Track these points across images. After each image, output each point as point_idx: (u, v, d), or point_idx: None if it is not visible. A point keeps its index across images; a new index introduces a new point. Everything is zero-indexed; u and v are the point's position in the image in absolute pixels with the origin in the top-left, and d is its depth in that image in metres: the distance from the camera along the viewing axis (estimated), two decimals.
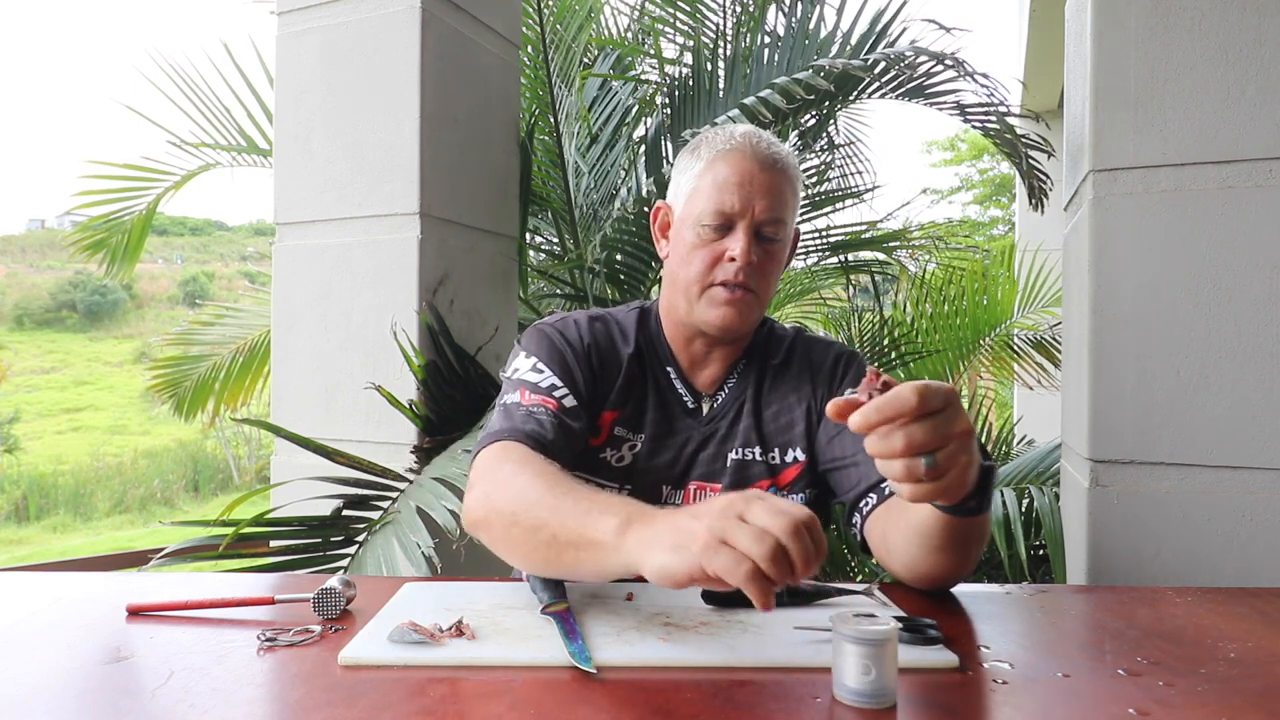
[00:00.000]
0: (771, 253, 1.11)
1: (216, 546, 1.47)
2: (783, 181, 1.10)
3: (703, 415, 1.16)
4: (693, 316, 1.13)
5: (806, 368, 1.18)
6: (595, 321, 1.18)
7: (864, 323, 3.57)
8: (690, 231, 1.11)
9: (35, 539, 13.07)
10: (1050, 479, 2.24)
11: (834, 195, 3.40)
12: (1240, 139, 1.36)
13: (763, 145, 1.10)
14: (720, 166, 1.10)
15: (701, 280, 1.10)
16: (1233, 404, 1.35)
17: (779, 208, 1.09)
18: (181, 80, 3.05)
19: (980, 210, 16.17)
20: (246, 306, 3.80)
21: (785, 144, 1.17)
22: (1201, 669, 0.73)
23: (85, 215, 3.20)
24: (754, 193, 1.08)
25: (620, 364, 1.15)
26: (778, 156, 1.10)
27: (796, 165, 1.15)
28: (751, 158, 1.09)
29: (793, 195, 1.12)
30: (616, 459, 1.13)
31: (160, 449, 17.38)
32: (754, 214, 1.08)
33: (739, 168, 1.08)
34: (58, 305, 28.09)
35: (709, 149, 1.12)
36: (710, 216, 1.09)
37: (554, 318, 1.19)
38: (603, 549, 0.76)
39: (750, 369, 1.19)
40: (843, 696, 0.64)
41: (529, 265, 2.55)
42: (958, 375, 3.72)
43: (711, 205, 1.09)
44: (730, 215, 1.08)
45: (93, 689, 0.69)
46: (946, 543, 0.87)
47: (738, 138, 1.11)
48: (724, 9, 2.97)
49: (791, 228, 1.15)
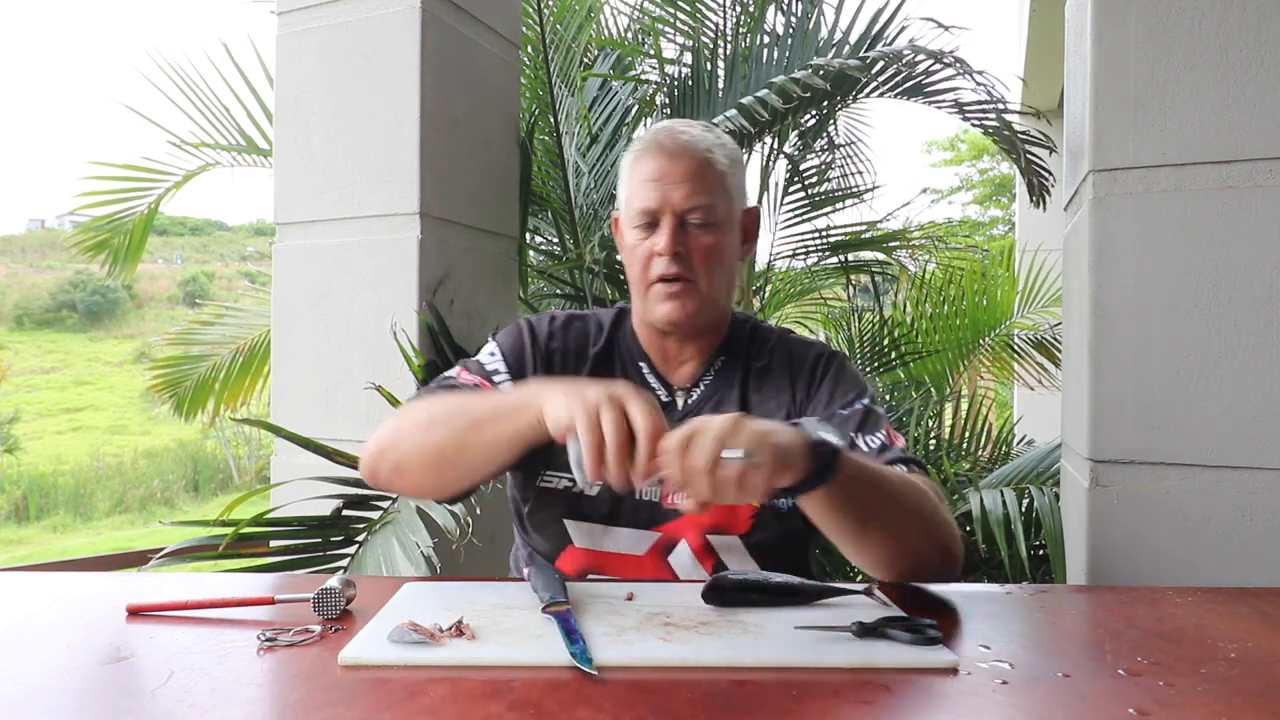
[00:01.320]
0: (703, 238, 1.11)
1: (216, 546, 1.47)
2: (700, 166, 1.10)
3: (677, 410, 1.16)
4: (647, 315, 1.16)
5: (787, 369, 1.18)
6: (574, 321, 1.21)
7: (864, 323, 3.57)
8: (628, 234, 1.15)
9: (35, 539, 13.07)
10: (1050, 479, 2.23)
11: (834, 195, 3.40)
12: (1240, 139, 1.35)
13: (674, 135, 1.12)
14: (639, 166, 1.13)
15: (643, 280, 1.13)
16: (1233, 404, 1.35)
17: (700, 193, 1.10)
18: (181, 80, 3.05)
19: (980, 210, 16.18)
20: (246, 306, 3.79)
21: (715, 130, 1.17)
22: (1201, 669, 0.73)
23: (86, 216, 3.20)
24: (670, 184, 1.10)
25: (586, 363, 1.18)
26: (690, 143, 1.11)
27: (724, 144, 1.15)
28: (662, 151, 1.11)
29: (715, 174, 1.11)
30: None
31: (160, 449, 17.38)
32: (673, 205, 1.09)
33: (653, 164, 1.11)
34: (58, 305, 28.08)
35: (631, 152, 1.16)
36: (637, 217, 1.12)
37: (541, 314, 1.23)
38: (515, 410, 0.92)
39: (732, 368, 1.18)
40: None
41: (529, 265, 2.55)
42: (958, 375, 3.72)
43: (636, 206, 1.12)
44: (654, 212, 1.10)
45: (93, 689, 0.69)
46: (842, 530, 0.92)
47: (651, 134, 1.14)
48: (724, 9, 2.97)
49: (729, 210, 1.14)
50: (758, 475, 0.78)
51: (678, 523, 1.10)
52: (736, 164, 1.17)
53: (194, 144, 3.10)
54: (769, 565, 1.10)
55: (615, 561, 1.11)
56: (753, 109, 2.07)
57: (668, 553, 1.10)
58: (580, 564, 1.11)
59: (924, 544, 0.96)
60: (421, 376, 1.74)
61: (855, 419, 1.10)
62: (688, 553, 1.10)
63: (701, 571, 1.09)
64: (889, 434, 1.09)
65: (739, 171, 1.18)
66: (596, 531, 1.11)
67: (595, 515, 1.11)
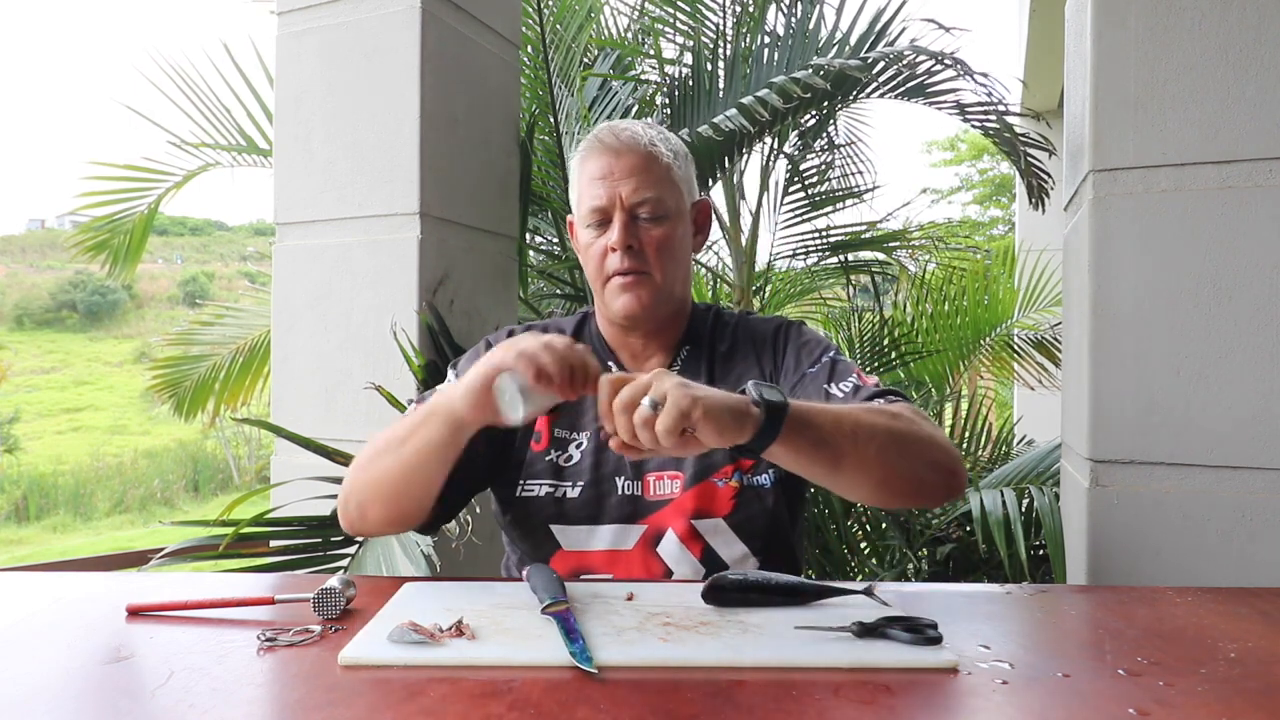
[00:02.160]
0: (653, 230, 1.13)
1: (216, 546, 1.47)
2: (644, 160, 1.12)
3: None
4: (608, 313, 1.17)
5: (750, 349, 1.19)
6: (535, 329, 1.22)
7: (864, 323, 3.57)
8: (581, 234, 1.17)
9: (35, 539, 13.07)
10: (1050, 479, 2.23)
11: (834, 195, 3.40)
12: (1240, 139, 1.35)
13: (616, 132, 1.14)
14: (586, 166, 1.15)
15: (600, 276, 1.15)
16: (1232, 404, 1.35)
17: (647, 185, 1.11)
18: (182, 80, 3.05)
19: (980, 210, 16.17)
20: (246, 306, 3.79)
21: (655, 125, 1.19)
22: (1201, 669, 0.73)
23: (86, 216, 3.20)
24: (617, 180, 1.11)
25: None
26: (634, 139, 1.13)
27: (667, 139, 1.16)
28: (606, 149, 1.13)
29: (660, 167, 1.13)
30: (565, 459, 1.15)
31: (160, 449, 17.37)
32: (622, 200, 1.11)
33: (598, 162, 1.13)
34: (58, 305, 28.07)
35: (577, 155, 1.17)
36: (588, 216, 1.14)
37: (503, 330, 1.25)
38: (431, 411, 0.98)
39: (698, 356, 1.20)
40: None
41: (529, 265, 2.55)
42: (958, 375, 3.72)
43: (586, 205, 1.14)
44: (604, 209, 1.12)
45: (93, 689, 0.69)
46: (817, 472, 0.95)
47: (593, 135, 1.15)
48: (724, 9, 2.97)
49: (677, 202, 1.15)
50: (665, 421, 0.80)
51: (662, 513, 1.11)
52: (681, 157, 1.18)
53: (194, 144, 3.10)
54: (755, 545, 1.11)
55: (604, 559, 1.12)
56: (753, 109, 2.07)
57: (655, 544, 1.11)
58: (570, 566, 1.12)
59: (910, 464, 0.97)
60: (421, 376, 1.75)
61: (824, 371, 1.12)
62: (675, 541, 1.11)
63: (690, 558, 1.10)
64: (859, 376, 1.11)
65: (685, 164, 1.20)
66: (582, 533, 1.12)
67: (579, 517, 1.12)
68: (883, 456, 0.95)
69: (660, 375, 0.83)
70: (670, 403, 0.80)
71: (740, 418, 0.85)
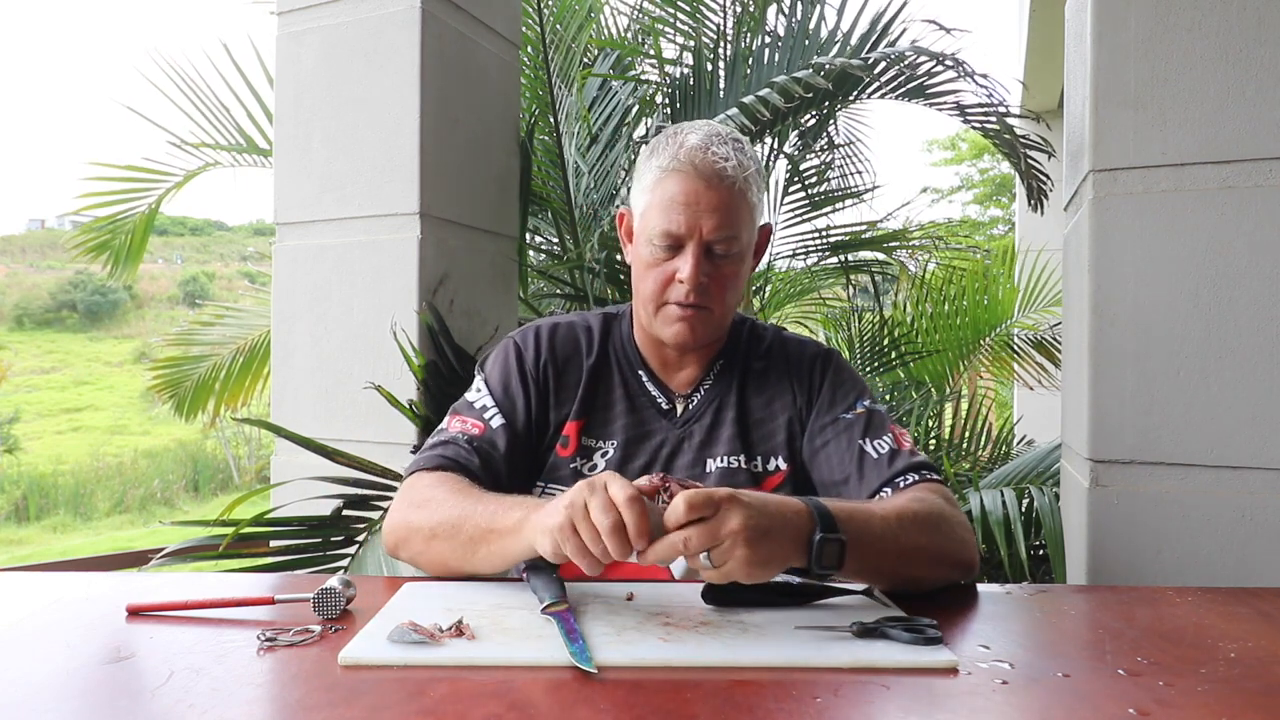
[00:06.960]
0: (725, 267, 1.10)
1: (216, 546, 1.47)
2: (732, 197, 1.08)
3: (677, 416, 1.17)
4: (653, 329, 1.15)
5: (786, 372, 1.18)
6: (561, 330, 1.20)
7: (864, 323, 3.57)
8: (644, 248, 1.12)
9: (35, 539, 13.06)
10: (1050, 479, 2.23)
11: (834, 195, 3.40)
12: (1240, 139, 1.35)
13: (710, 159, 1.07)
14: (668, 184, 1.08)
15: (655, 299, 1.12)
16: (1232, 404, 1.35)
17: (729, 224, 1.08)
18: (181, 80, 3.05)
19: (980, 210, 16.17)
20: (246, 306, 3.80)
21: (743, 144, 1.12)
22: (1201, 669, 0.73)
23: (87, 216, 3.20)
24: (701, 212, 1.07)
25: (580, 375, 1.17)
26: (726, 170, 1.07)
27: (754, 168, 1.11)
28: (698, 175, 1.07)
29: (746, 205, 1.10)
30: (589, 468, 1.14)
31: (160, 449, 17.36)
32: (702, 234, 1.07)
33: (685, 187, 1.07)
34: (58, 305, 28.06)
35: (660, 159, 1.10)
36: (660, 237, 1.09)
37: (527, 326, 1.22)
38: (507, 535, 0.92)
39: (730, 371, 1.19)
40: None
41: (529, 265, 2.55)
42: (958, 375, 3.72)
43: (660, 226, 1.08)
44: (679, 236, 1.08)
45: (93, 689, 0.69)
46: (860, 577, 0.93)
47: (685, 152, 1.08)
48: (724, 9, 2.97)
49: (750, 236, 1.13)
50: (714, 577, 0.81)
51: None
52: (762, 186, 1.15)
53: (194, 144, 3.10)
54: None
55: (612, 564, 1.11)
56: (754, 108, 2.07)
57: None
58: (577, 570, 1.11)
59: (943, 571, 0.98)
60: (421, 376, 1.75)
61: (860, 424, 1.11)
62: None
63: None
64: (895, 436, 1.10)
65: (763, 192, 1.17)
66: None
67: None
68: (917, 570, 0.95)
69: (731, 512, 0.79)
70: (725, 572, 0.79)
71: (796, 556, 0.84)
